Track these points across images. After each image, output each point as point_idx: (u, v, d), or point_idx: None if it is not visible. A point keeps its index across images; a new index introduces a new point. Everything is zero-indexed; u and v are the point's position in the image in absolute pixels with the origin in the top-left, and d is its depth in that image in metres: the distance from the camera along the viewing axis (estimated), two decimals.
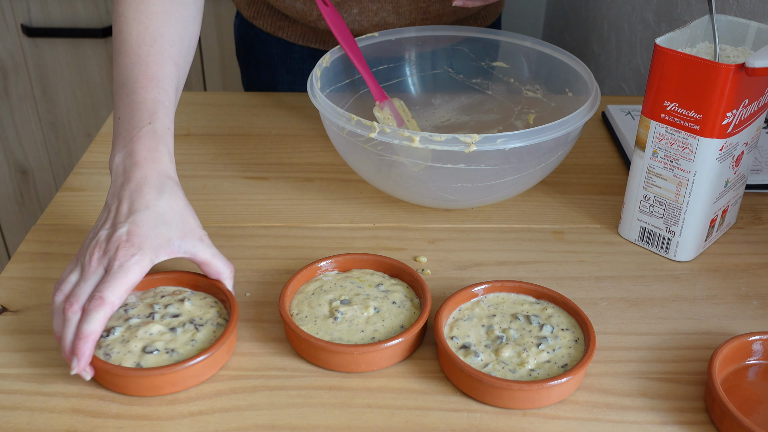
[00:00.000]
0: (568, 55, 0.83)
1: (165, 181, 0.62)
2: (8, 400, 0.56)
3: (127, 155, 0.63)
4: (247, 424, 0.55)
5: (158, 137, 0.63)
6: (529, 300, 0.63)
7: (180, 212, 0.62)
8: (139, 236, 0.58)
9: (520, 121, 0.88)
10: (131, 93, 0.66)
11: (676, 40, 0.68)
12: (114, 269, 0.57)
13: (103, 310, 0.55)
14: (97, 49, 1.64)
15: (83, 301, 0.56)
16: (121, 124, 0.65)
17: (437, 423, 0.55)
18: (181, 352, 0.58)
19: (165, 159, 0.63)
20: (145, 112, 0.64)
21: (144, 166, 0.62)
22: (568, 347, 0.59)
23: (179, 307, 0.62)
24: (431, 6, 0.94)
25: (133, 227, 0.59)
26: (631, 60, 1.31)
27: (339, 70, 0.84)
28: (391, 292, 0.64)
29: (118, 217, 0.60)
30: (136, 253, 0.58)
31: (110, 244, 0.58)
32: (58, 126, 1.74)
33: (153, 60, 0.67)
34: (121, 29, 0.69)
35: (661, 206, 0.71)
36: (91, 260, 0.58)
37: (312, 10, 0.96)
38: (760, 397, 0.56)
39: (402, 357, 0.60)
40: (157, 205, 0.60)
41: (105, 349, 0.58)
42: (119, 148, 0.64)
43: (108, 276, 0.57)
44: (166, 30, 0.69)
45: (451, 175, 0.70)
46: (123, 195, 0.61)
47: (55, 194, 0.82)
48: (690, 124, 0.65)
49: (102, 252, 0.58)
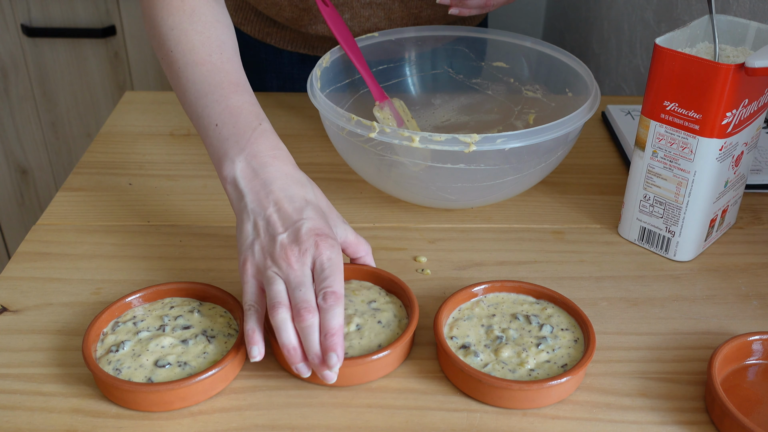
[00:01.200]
0: (568, 55, 0.83)
1: (300, 174, 0.62)
2: (8, 400, 0.56)
3: (251, 157, 0.61)
4: (247, 424, 0.55)
5: (274, 135, 0.64)
6: (529, 300, 0.63)
7: (325, 201, 0.63)
8: (322, 227, 0.59)
9: (520, 121, 0.88)
10: (222, 99, 0.64)
11: (676, 40, 0.68)
12: (325, 263, 0.57)
13: (340, 303, 0.55)
14: (97, 49, 1.64)
15: (314, 303, 0.55)
16: (223, 130, 0.63)
17: (437, 423, 0.55)
18: (194, 365, 0.57)
19: (288, 154, 0.63)
20: (249, 114, 0.64)
21: (275, 164, 0.61)
22: (568, 347, 0.59)
23: (189, 319, 0.61)
24: (423, 11, 0.95)
25: (312, 222, 0.58)
26: (631, 60, 1.31)
27: (339, 70, 0.84)
28: (381, 311, 0.62)
29: (287, 217, 0.59)
30: (333, 243, 0.58)
31: (303, 243, 0.57)
32: (58, 126, 1.74)
33: (229, 66, 0.67)
34: (179, 40, 0.68)
35: (660, 206, 0.71)
36: (292, 264, 0.57)
37: (302, 17, 0.95)
38: (760, 397, 0.56)
39: (376, 375, 0.58)
40: (311, 199, 0.61)
41: (115, 364, 0.57)
42: (233, 153, 0.62)
43: (325, 271, 0.56)
44: (225, 38, 0.69)
45: (451, 175, 0.70)
46: (272, 197, 0.60)
47: (55, 194, 0.82)
48: (690, 124, 0.65)
49: (299, 252, 0.57)
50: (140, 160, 0.88)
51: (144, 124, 0.96)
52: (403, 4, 0.93)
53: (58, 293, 0.67)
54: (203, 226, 0.77)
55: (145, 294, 0.63)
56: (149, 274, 0.70)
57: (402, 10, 0.94)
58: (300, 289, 0.56)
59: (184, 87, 0.67)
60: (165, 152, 0.90)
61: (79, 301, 0.66)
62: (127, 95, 1.03)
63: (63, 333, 0.63)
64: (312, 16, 0.96)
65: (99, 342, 0.59)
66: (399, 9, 0.94)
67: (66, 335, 0.62)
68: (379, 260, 0.72)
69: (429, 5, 0.94)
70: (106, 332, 0.60)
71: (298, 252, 0.57)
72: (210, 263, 0.71)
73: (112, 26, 1.62)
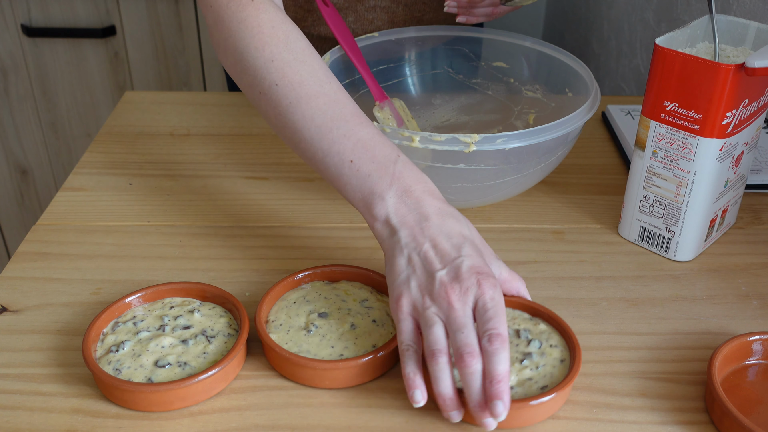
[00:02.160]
0: (568, 55, 0.83)
1: (452, 209, 0.60)
2: (8, 400, 0.56)
3: (403, 193, 0.59)
4: (247, 424, 0.55)
5: (414, 166, 0.61)
6: (523, 316, 0.61)
7: (478, 237, 0.60)
8: (482, 266, 0.55)
9: (520, 121, 0.88)
10: (351, 133, 0.61)
11: (676, 40, 0.68)
12: (488, 303, 0.53)
13: (506, 347, 0.52)
14: (97, 49, 1.64)
15: (477, 347, 0.52)
16: (362, 167, 0.60)
17: (437, 422, 0.55)
18: (194, 365, 0.57)
19: (435, 188, 0.61)
20: (384, 146, 0.61)
21: (427, 199, 0.59)
22: (552, 366, 0.56)
23: (189, 319, 0.61)
24: (425, 15, 0.95)
25: (471, 260, 0.55)
26: (631, 60, 1.31)
27: (339, 70, 0.84)
28: (375, 309, 0.62)
29: (445, 254, 0.56)
30: (495, 282, 0.55)
31: (464, 282, 0.54)
32: (58, 126, 1.74)
33: (342, 96, 0.63)
34: (285, 72, 0.63)
35: (660, 206, 0.71)
36: (453, 304, 0.53)
37: (305, 18, 0.95)
38: (760, 397, 0.56)
39: (370, 377, 0.58)
40: (468, 234, 0.58)
41: (115, 364, 0.57)
42: (381, 189, 0.59)
43: (488, 311, 0.53)
44: (321, 64, 0.65)
45: (451, 175, 0.70)
46: (427, 232, 0.57)
47: (55, 194, 0.83)
48: (690, 124, 0.65)
49: (460, 292, 0.54)
50: (140, 160, 0.88)
51: (144, 124, 0.96)
52: (407, 7, 0.93)
53: (58, 293, 0.67)
54: (203, 226, 0.77)
55: (145, 294, 0.63)
56: (149, 274, 0.70)
57: (405, 13, 0.94)
58: (462, 331, 0.53)
59: (299, 124, 0.62)
60: (165, 152, 0.90)
61: (79, 301, 0.66)
62: (127, 95, 1.03)
63: (63, 333, 0.63)
64: (316, 17, 0.96)
65: (99, 342, 0.59)
66: (402, 12, 0.94)
67: (66, 335, 0.62)
68: (379, 260, 0.72)
69: (432, 9, 0.94)
70: (106, 332, 0.60)
71: (460, 291, 0.54)
72: (210, 263, 0.71)
73: (112, 26, 1.62)
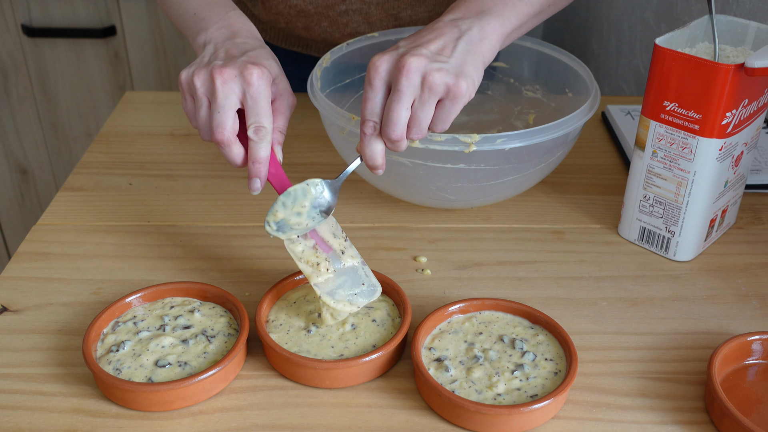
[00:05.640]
0: (568, 55, 0.83)
1: (261, 43, 0.68)
2: (8, 400, 0.56)
3: (224, 27, 0.68)
4: (247, 423, 0.55)
5: (245, 17, 0.70)
6: (524, 323, 0.61)
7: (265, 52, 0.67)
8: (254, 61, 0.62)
9: (520, 121, 0.88)
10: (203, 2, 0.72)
11: (675, 40, 0.68)
12: None
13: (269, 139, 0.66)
14: (97, 49, 1.64)
15: None
16: (200, 14, 0.70)
17: (438, 422, 0.55)
18: (194, 365, 0.57)
19: (259, 34, 0.70)
20: (225, 4, 0.71)
21: (243, 32, 0.68)
22: (545, 378, 0.56)
23: (190, 318, 0.61)
24: (401, 12, 0.94)
25: (247, 57, 0.63)
26: (631, 60, 1.31)
27: (339, 70, 0.84)
28: (375, 309, 0.62)
29: (231, 56, 0.64)
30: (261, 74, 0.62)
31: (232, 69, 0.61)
32: (58, 126, 1.74)
33: None
34: None
35: (660, 206, 0.71)
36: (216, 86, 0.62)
37: (296, 26, 0.95)
38: (760, 397, 0.56)
39: (370, 376, 0.58)
40: (263, 45, 0.67)
41: (115, 364, 0.57)
42: (208, 25, 0.69)
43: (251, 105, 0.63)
44: None
45: (451, 175, 0.70)
46: (227, 45, 0.66)
47: (55, 194, 0.83)
48: (689, 124, 0.65)
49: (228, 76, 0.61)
50: (140, 160, 0.88)
51: (144, 124, 0.96)
52: (380, 6, 0.92)
53: (58, 293, 0.67)
54: (203, 226, 0.77)
55: (145, 294, 0.63)
56: (149, 274, 0.70)
57: (380, 12, 0.93)
58: (219, 112, 0.61)
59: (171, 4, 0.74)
60: (165, 152, 0.90)
61: (79, 301, 0.66)
62: (127, 95, 1.03)
63: (63, 333, 0.63)
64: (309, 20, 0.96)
65: (99, 342, 0.59)
66: (377, 12, 0.93)
67: (66, 335, 0.63)
68: (379, 260, 0.72)
69: (408, 5, 0.93)
70: (106, 332, 0.60)
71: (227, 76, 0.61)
72: (210, 263, 0.71)
73: (112, 26, 1.62)
